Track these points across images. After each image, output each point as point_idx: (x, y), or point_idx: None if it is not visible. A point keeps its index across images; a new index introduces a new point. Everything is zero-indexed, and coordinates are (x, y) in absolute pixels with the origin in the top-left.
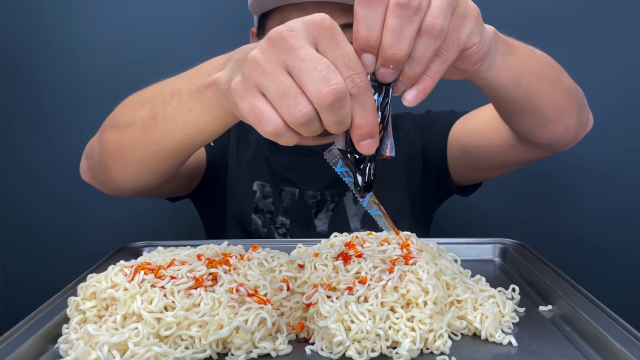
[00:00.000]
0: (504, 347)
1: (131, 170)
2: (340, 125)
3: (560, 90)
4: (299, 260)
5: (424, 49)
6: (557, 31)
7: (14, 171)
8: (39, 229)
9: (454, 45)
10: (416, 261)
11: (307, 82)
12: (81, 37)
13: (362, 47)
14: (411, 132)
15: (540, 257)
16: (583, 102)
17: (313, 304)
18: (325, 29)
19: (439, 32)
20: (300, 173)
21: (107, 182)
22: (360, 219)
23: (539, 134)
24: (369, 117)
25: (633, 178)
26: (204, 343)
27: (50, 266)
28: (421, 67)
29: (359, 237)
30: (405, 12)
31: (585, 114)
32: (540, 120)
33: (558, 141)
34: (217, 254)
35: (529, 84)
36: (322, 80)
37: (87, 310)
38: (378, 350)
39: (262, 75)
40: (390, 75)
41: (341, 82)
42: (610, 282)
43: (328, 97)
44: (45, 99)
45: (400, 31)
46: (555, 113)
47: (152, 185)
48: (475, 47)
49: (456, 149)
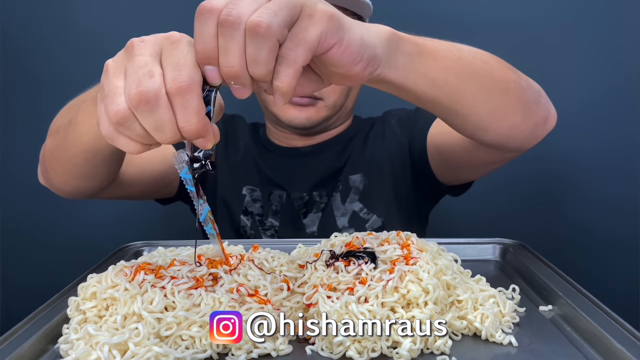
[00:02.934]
0: (504, 347)
1: (61, 174)
2: (159, 130)
3: (493, 87)
4: (299, 260)
5: (255, 49)
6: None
7: (14, 171)
8: (39, 229)
9: (301, 45)
10: (416, 261)
11: (126, 84)
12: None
13: (200, 60)
14: (398, 130)
15: (540, 257)
16: (536, 99)
17: (313, 304)
18: (170, 41)
19: (266, 30)
20: (287, 175)
21: (52, 185)
22: (348, 219)
23: (483, 136)
24: (191, 120)
25: (633, 177)
26: (205, 343)
27: (50, 266)
28: (263, 69)
29: (359, 238)
30: (226, 29)
31: (541, 111)
32: (476, 121)
33: (507, 142)
34: (217, 254)
35: (447, 83)
36: (135, 83)
37: (88, 311)
38: (378, 350)
39: (105, 79)
40: (242, 91)
41: (152, 86)
42: (610, 281)
43: (135, 98)
44: (45, 99)
45: (225, 47)
46: (489, 113)
47: (89, 189)
48: (336, 48)
49: (432, 149)
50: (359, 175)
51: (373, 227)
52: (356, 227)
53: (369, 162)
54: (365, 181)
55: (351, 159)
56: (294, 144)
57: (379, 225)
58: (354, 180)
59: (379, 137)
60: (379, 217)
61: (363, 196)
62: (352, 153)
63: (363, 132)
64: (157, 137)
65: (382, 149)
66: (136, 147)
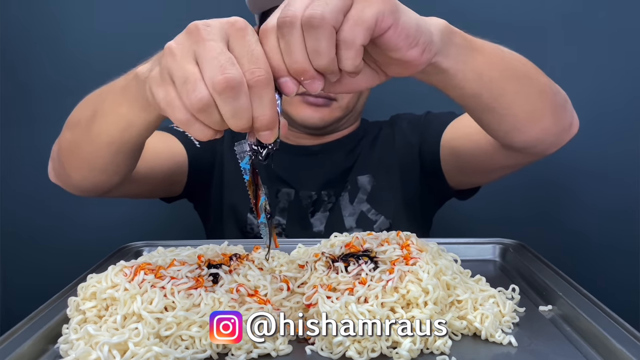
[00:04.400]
0: (504, 347)
1: (81, 169)
2: (237, 117)
3: (531, 89)
4: (299, 260)
5: (314, 41)
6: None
7: (14, 171)
8: (39, 228)
9: (358, 25)
10: (416, 261)
11: (206, 69)
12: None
13: (274, 74)
14: (409, 133)
15: (540, 257)
16: (563, 104)
17: (313, 304)
18: (237, 29)
19: (320, 20)
20: (296, 173)
21: (67, 182)
22: (356, 219)
23: (515, 137)
24: (265, 112)
25: (632, 178)
26: (204, 343)
27: (50, 266)
28: (325, 59)
29: (359, 238)
30: (284, 30)
31: (567, 117)
32: (512, 122)
33: (536, 145)
34: (217, 254)
35: (492, 79)
36: (218, 69)
37: (87, 311)
38: (378, 351)
39: (173, 62)
40: (314, 84)
41: (236, 73)
42: (610, 281)
43: (221, 84)
44: (45, 100)
45: (287, 47)
46: (526, 114)
47: (108, 184)
48: (392, 30)
49: (447, 152)
50: (368, 176)
51: (381, 228)
52: (364, 227)
53: (378, 164)
54: (374, 182)
55: (360, 160)
56: (303, 143)
57: (386, 226)
58: (362, 181)
59: (389, 139)
60: (387, 218)
61: (371, 197)
62: (360, 154)
63: (372, 133)
64: (232, 124)
65: (391, 150)
66: (209, 134)
